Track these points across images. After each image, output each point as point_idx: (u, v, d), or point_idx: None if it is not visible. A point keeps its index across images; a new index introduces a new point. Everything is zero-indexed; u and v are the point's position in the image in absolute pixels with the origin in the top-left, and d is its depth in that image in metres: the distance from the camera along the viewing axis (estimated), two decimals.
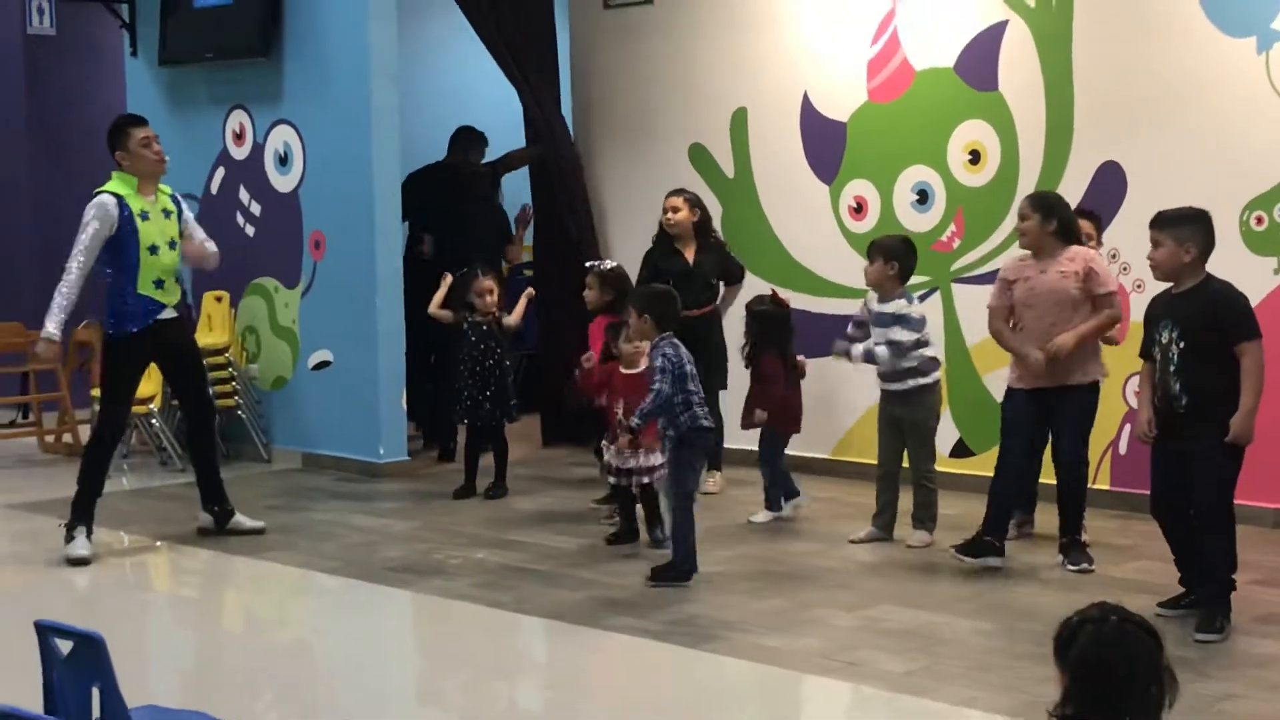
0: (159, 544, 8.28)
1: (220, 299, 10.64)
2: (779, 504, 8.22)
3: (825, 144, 9.50)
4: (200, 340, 10.41)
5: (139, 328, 7.79)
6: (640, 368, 7.41)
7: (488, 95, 11.40)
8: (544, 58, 10.68)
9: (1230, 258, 7.71)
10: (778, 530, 8.08)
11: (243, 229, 10.51)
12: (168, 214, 7.90)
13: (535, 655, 6.41)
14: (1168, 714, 3.10)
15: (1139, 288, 8.23)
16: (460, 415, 9.18)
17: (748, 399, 8.22)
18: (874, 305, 7.70)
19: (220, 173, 10.71)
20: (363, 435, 9.97)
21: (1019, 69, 8.65)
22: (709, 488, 8.72)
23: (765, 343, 8.17)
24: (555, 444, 10.70)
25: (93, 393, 10.47)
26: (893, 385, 7.67)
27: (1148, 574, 6.98)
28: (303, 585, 7.48)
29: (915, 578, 7.09)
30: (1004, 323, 7.21)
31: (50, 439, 11.27)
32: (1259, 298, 7.51)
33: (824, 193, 9.53)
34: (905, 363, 7.58)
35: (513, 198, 11.23)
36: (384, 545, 7.99)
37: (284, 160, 10.31)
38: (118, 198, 7.71)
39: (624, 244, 10.03)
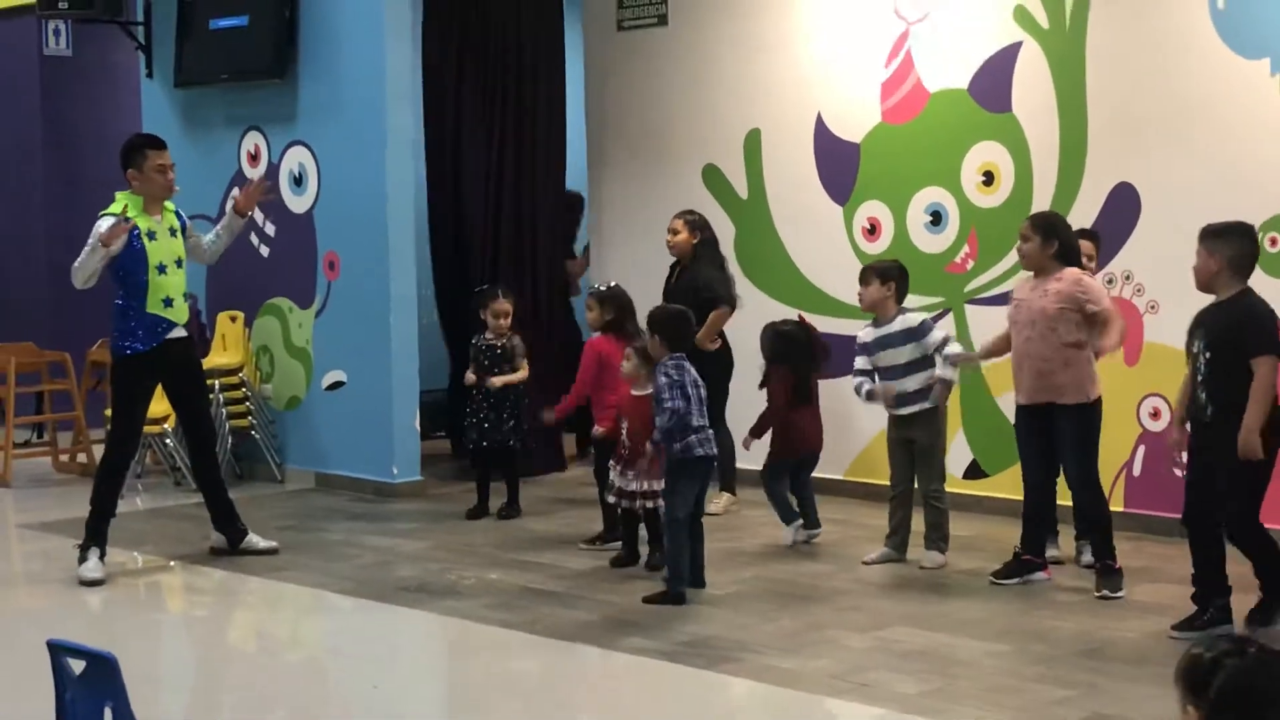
0: (172, 564, 8.29)
1: (235, 319, 10.66)
2: (795, 516, 8.17)
3: (839, 165, 9.50)
4: (215, 360, 10.47)
5: (148, 347, 7.82)
6: (648, 390, 7.43)
7: None
8: (551, 80, 10.71)
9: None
10: (790, 551, 8.07)
11: (257, 249, 10.53)
12: (174, 233, 7.94)
13: (548, 676, 6.40)
14: None
15: (1153, 309, 8.22)
16: (471, 438, 9.16)
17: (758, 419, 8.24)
18: (876, 331, 7.70)
19: (235, 194, 10.71)
20: (376, 455, 9.98)
21: (1033, 90, 8.65)
22: (712, 509, 8.69)
23: (775, 361, 8.15)
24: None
25: (106, 413, 10.51)
26: (899, 410, 7.68)
27: (1161, 595, 6.97)
28: (316, 605, 7.48)
29: (928, 599, 7.08)
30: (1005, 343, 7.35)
31: (65, 458, 11.29)
32: None
33: (837, 214, 9.53)
34: (912, 385, 7.60)
35: None
36: (397, 565, 7.99)
37: (299, 181, 10.34)
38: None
39: (637, 265, 10.03)
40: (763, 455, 8.32)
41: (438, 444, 11.17)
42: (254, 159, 10.58)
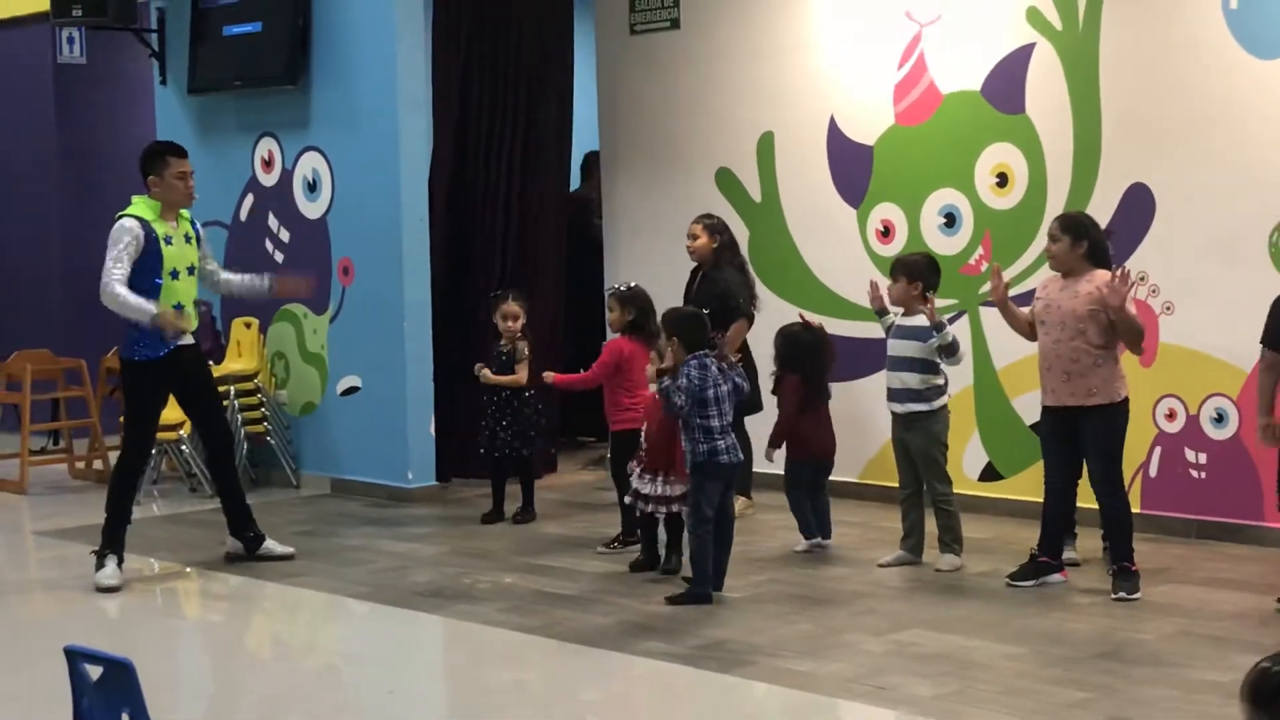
0: (188, 570, 8.30)
1: (249, 325, 10.68)
2: (814, 532, 8.15)
3: (852, 168, 9.50)
4: (229, 366, 10.50)
5: (160, 354, 7.82)
6: None
7: None
8: (562, 84, 10.71)
9: (1259, 279, 7.70)
10: (806, 555, 8.06)
11: (271, 255, 10.54)
12: (189, 239, 7.96)
13: (564, 680, 6.40)
14: None
15: (1168, 310, 8.20)
16: (482, 444, 9.15)
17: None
18: (900, 320, 7.72)
19: (249, 200, 10.77)
20: (391, 460, 9.99)
21: (1046, 92, 8.63)
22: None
23: (787, 367, 8.13)
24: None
25: (122, 419, 10.53)
26: (895, 406, 7.69)
27: (1177, 597, 6.96)
28: (331, 610, 7.49)
29: (944, 602, 7.06)
30: (1024, 321, 7.33)
31: (80, 465, 11.32)
32: None
33: (851, 216, 9.52)
34: (913, 382, 7.59)
35: None
36: (413, 570, 8.00)
37: (313, 187, 10.35)
38: (142, 222, 7.76)
39: (651, 268, 10.03)
40: (781, 461, 8.30)
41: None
42: (268, 165, 10.60)
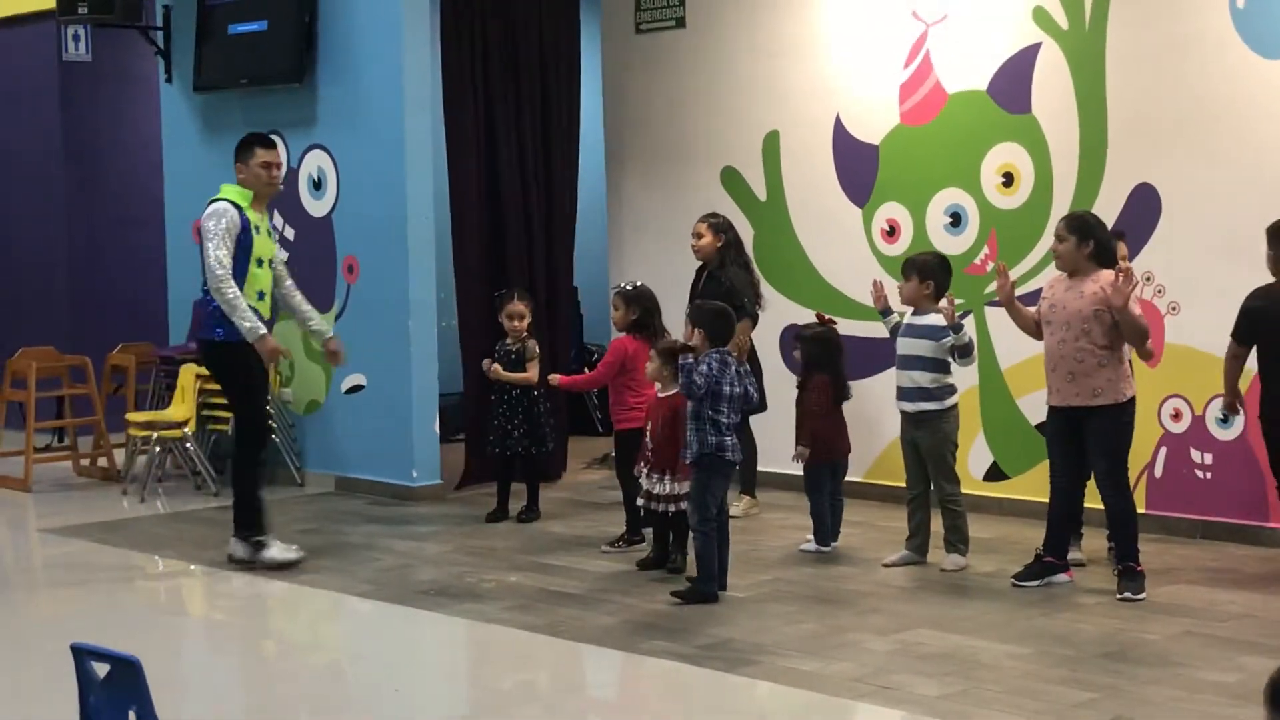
0: (194, 568, 8.30)
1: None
2: (826, 540, 8.12)
3: (857, 167, 9.49)
4: None
5: (237, 337, 7.84)
6: (671, 390, 7.44)
7: None
8: (570, 83, 10.71)
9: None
10: (811, 555, 8.05)
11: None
12: (270, 233, 8.06)
13: (569, 679, 6.40)
14: None
15: (1174, 310, 8.19)
16: (492, 444, 9.15)
17: (797, 427, 8.13)
18: (910, 319, 7.71)
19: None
20: (396, 459, 9.99)
21: (1052, 91, 8.63)
22: (733, 511, 8.68)
23: (816, 368, 8.08)
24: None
25: (126, 417, 10.53)
26: (905, 405, 7.67)
27: (1182, 597, 6.96)
28: (337, 609, 7.49)
29: (950, 601, 7.06)
30: (1030, 320, 7.32)
31: (85, 463, 11.32)
32: None
33: (856, 216, 9.52)
34: (926, 382, 7.58)
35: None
36: (417, 569, 8.00)
37: (318, 185, 10.35)
38: (236, 206, 7.84)
39: (655, 266, 10.03)
40: (780, 459, 8.29)
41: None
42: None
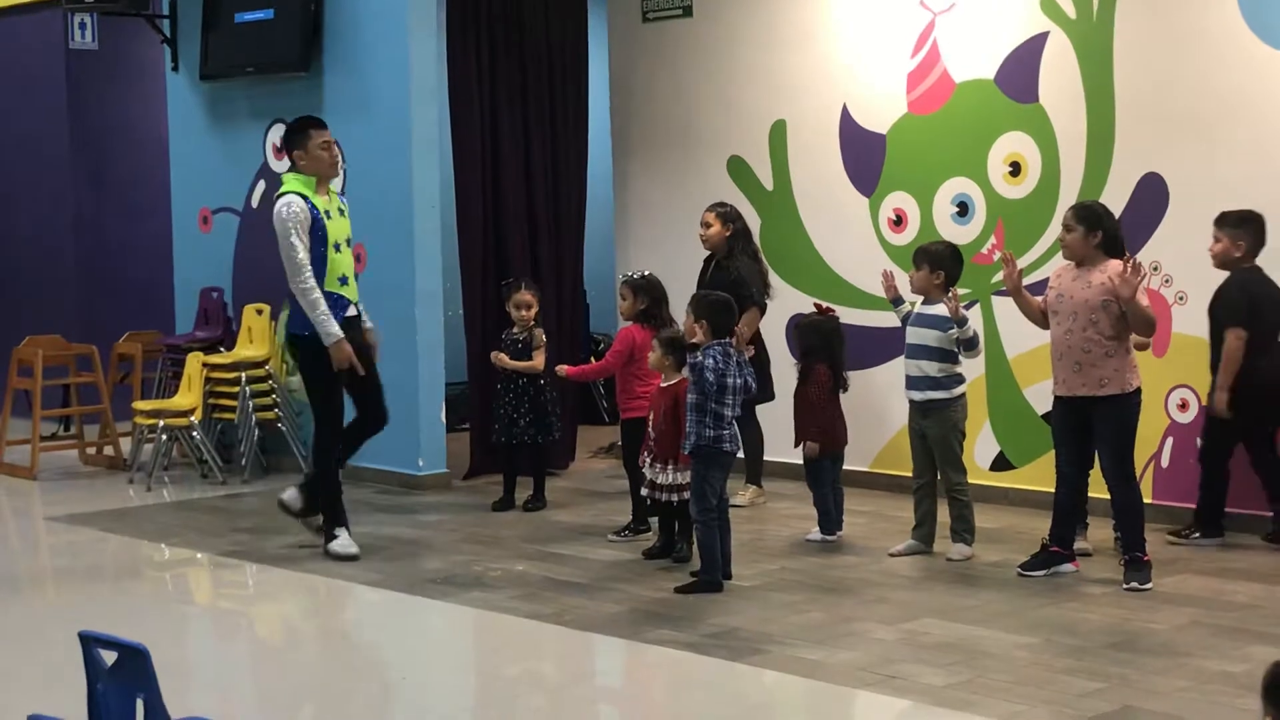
0: (199, 556, 8.31)
1: (261, 311, 10.67)
2: (831, 529, 8.13)
3: (865, 156, 9.48)
4: (241, 353, 10.51)
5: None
6: (674, 380, 7.44)
7: None
8: (577, 72, 10.69)
9: (1274, 269, 7.68)
10: (817, 544, 8.05)
11: None
12: (341, 213, 8.02)
13: (575, 668, 6.41)
14: None
15: (1181, 300, 8.18)
16: (498, 434, 9.15)
17: (795, 416, 8.15)
18: (920, 309, 7.69)
19: (261, 186, 10.77)
20: (402, 448, 9.98)
21: (1060, 80, 8.61)
22: (739, 500, 8.68)
23: (815, 355, 8.08)
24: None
25: (134, 405, 10.53)
26: (913, 394, 7.67)
27: (1189, 587, 6.96)
28: (343, 597, 7.50)
29: (956, 591, 7.06)
30: (1037, 309, 7.33)
31: (91, 451, 11.33)
32: None
33: (863, 205, 9.51)
34: (934, 371, 7.58)
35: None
36: (424, 557, 8.01)
37: None
38: (304, 197, 7.82)
39: (662, 256, 10.02)
40: (786, 448, 8.28)
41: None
42: (279, 152, 10.59)
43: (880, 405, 9.19)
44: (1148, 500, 8.03)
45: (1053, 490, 7.33)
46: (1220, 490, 7.81)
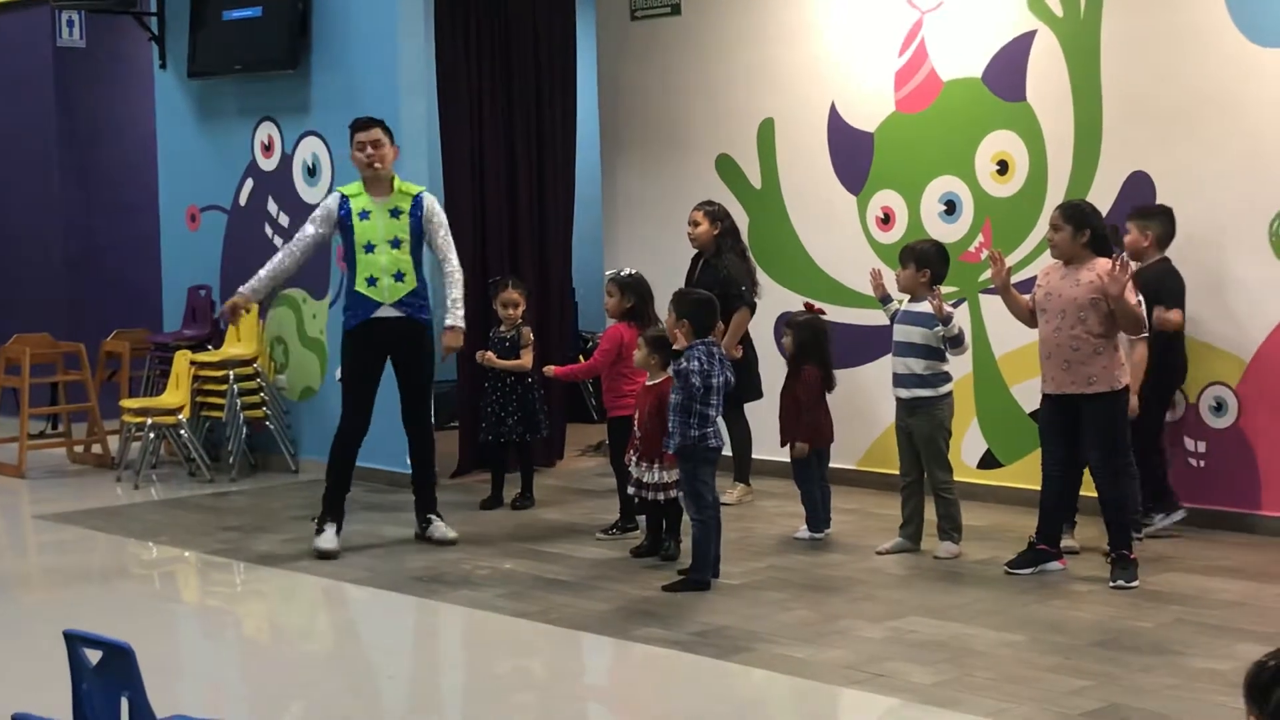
0: (187, 554, 8.30)
1: (249, 310, 10.62)
2: (820, 527, 8.13)
3: (853, 154, 9.49)
4: (229, 351, 10.49)
5: (355, 324, 8.03)
6: (659, 379, 7.44)
7: None
8: (565, 70, 10.68)
9: (1259, 267, 7.70)
10: (804, 542, 8.06)
11: (271, 240, 10.52)
12: (396, 214, 8.02)
13: (563, 666, 6.40)
14: None
15: None
16: (486, 432, 9.15)
17: (782, 415, 8.16)
18: (905, 306, 7.70)
19: (249, 184, 10.76)
20: (390, 446, 9.96)
21: (1047, 79, 8.62)
22: (727, 499, 8.68)
23: (806, 355, 8.08)
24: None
25: (121, 404, 10.52)
26: (900, 392, 7.67)
27: (1175, 585, 6.97)
28: (331, 595, 7.49)
29: (943, 589, 7.06)
30: (1025, 307, 7.34)
31: (79, 449, 11.31)
32: None
33: (851, 203, 9.52)
34: (921, 369, 7.58)
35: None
36: (411, 556, 8.00)
37: (312, 171, 10.34)
38: (343, 197, 8.01)
39: (650, 254, 10.03)
40: (774, 447, 8.28)
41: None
42: (267, 150, 10.59)
43: (868, 403, 9.20)
44: None
45: (1039, 488, 7.34)
46: (1156, 465, 7.88)
